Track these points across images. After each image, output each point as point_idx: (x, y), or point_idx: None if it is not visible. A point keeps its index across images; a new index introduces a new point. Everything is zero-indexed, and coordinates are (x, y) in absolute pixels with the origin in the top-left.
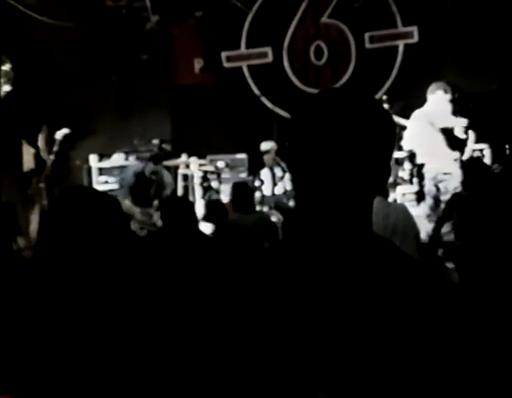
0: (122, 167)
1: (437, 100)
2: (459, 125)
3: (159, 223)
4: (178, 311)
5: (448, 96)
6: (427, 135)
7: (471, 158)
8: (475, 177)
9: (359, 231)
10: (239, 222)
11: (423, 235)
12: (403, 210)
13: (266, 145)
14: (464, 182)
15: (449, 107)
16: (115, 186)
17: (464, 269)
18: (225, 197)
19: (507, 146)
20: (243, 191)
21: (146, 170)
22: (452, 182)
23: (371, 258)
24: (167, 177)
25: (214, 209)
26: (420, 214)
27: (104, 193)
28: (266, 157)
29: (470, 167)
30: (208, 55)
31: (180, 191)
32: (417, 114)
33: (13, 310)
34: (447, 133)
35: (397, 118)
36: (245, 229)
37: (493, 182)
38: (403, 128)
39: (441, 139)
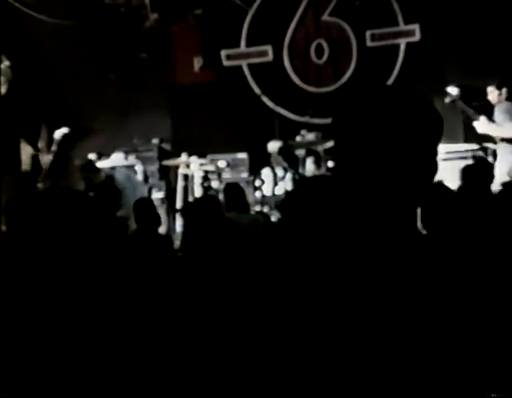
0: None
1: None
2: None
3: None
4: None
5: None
6: None
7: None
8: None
9: (404, 228)
10: (235, 221)
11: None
12: None
13: (274, 145)
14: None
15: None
16: None
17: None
18: None
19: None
20: (235, 192)
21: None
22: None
23: (413, 256)
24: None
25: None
26: None
27: (82, 193)
28: (274, 158)
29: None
30: (208, 54)
31: (179, 192)
32: None
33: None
34: None
35: None
36: (241, 228)
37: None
38: None
39: None
